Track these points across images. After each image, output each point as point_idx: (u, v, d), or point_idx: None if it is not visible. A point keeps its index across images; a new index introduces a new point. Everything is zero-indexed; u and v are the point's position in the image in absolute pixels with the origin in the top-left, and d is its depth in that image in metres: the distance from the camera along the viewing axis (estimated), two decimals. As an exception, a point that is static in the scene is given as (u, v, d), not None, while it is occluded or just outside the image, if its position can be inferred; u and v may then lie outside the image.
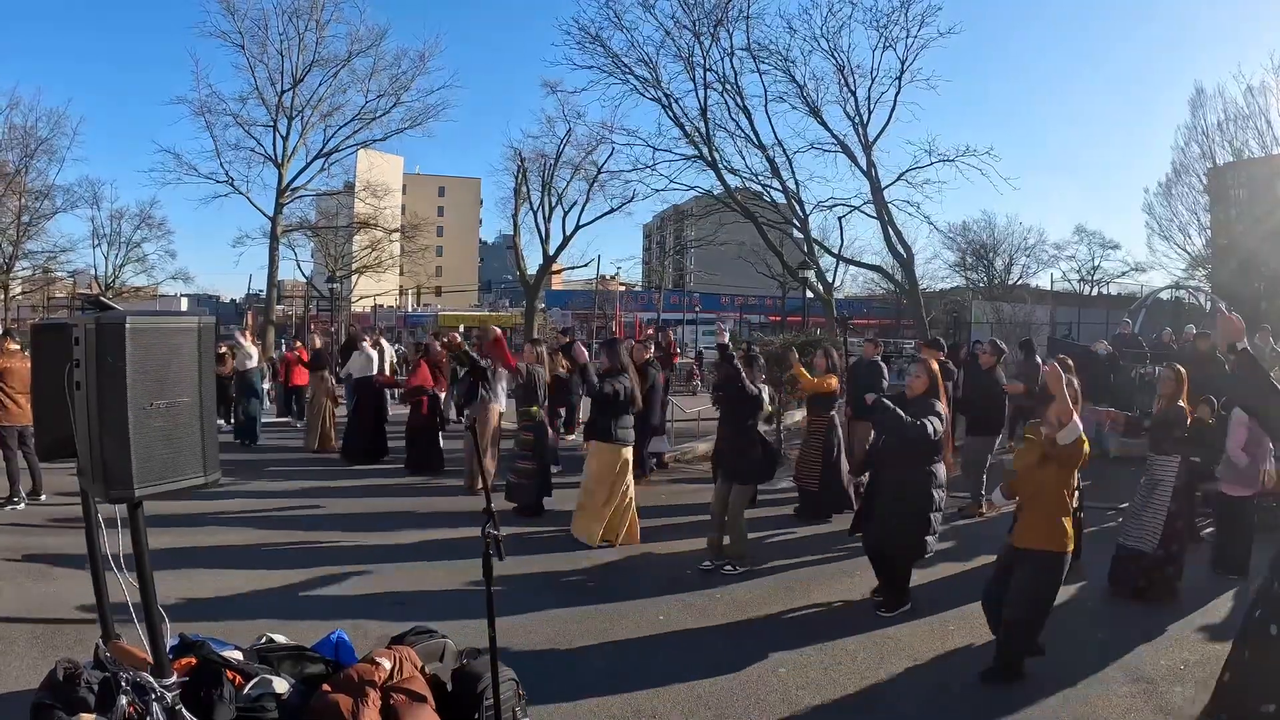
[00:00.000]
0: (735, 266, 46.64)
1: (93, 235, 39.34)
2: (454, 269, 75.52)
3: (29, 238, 34.01)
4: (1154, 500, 6.45)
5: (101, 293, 34.35)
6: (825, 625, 5.81)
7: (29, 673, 4.45)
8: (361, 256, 40.37)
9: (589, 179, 31.84)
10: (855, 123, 25.64)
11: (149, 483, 2.81)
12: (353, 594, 6.23)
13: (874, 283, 43.92)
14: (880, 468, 6.19)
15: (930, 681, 4.96)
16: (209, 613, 5.51)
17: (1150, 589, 6.31)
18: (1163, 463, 6.51)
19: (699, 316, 47.47)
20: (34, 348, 3.54)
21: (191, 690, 3.47)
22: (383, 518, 8.64)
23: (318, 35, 31.65)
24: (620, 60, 26.72)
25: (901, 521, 5.83)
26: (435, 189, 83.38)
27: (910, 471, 5.85)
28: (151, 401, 2.80)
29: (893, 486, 5.94)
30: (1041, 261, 46.76)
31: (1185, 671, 5.05)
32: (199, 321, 3.02)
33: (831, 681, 4.90)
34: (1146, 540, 6.35)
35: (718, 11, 25.60)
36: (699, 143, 26.88)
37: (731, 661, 5.08)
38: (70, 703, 3.62)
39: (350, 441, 11.99)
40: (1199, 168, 35.66)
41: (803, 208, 27.41)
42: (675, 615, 5.93)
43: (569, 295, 53.73)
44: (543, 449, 8.99)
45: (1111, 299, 39.89)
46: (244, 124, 31.52)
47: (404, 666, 3.96)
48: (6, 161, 31.66)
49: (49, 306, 40.59)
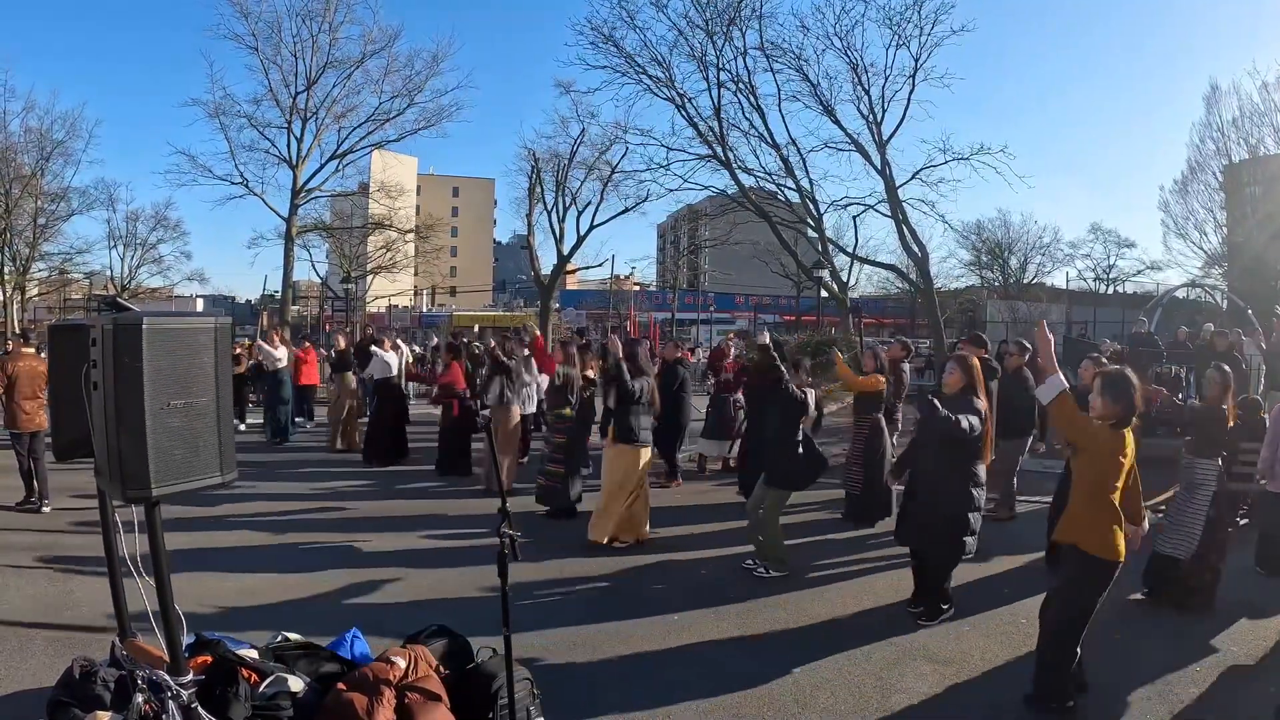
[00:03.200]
0: (750, 266, 46.60)
1: (109, 237, 39.81)
2: (468, 269, 75.70)
3: (45, 240, 34.21)
4: (1193, 505, 6.20)
5: (118, 294, 34.59)
6: (853, 634, 5.65)
7: (45, 670, 4.48)
8: (376, 257, 40.42)
9: (603, 179, 31.72)
10: (869, 121, 25.44)
11: (166, 482, 2.82)
12: (369, 594, 6.25)
13: (889, 282, 43.87)
14: (918, 468, 6.05)
15: (975, 699, 4.75)
16: (225, 611, 5.53)
17: (1188, 598, 6.07)
18: (1203, 466, 6.26)
19: (713, 316, 47.53)
20: (51, 348, 3.57)
21: (207, 688, 3.49)
22: (401, 519, 8.65)
23: (331, 37, 31.60)
24: (633, 60, 26.62)
25: (940, 523, 5.68)
26: (449, 189, 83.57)
27: (949, 472, 5.70)
28: (169, 402, 2.81)
29: (930, 487, 5.78)
30: (1057, 260, 46.75)
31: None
32: (215, 322, 3.03)
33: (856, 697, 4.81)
34: (1183, 547, 6.10)
35: (730, 10, 25.47)
36: (713, 142, 26.78)
37: (753, 674, 4.95)
38: (86, 700, 3.65)
39: (372, 443, 12.02)
40: (1214, 165, 35.39)
41: (817, 207, 27.28)
42: (696, 624, 5.82)
43: (583, 295, 53.79)
44: (574, 451, 8.96)
45: (1127, 298, 39.64)
46: (258, 125, 31.49)
47: (419, 665, 3.97)
48: (23, 164, 31.85)
49: (65, 307, 40.91)
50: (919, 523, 5.83)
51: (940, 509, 5.70)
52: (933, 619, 5.81)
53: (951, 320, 30.10)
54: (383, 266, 40.36)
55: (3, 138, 31.42)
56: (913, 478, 6.13)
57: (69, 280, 41.91)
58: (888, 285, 45.35)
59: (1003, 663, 5.20)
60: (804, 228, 29.11)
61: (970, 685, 4.91)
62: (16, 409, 8.67)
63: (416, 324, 52.42)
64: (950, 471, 5.71)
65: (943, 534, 5.72)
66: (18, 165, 31.48)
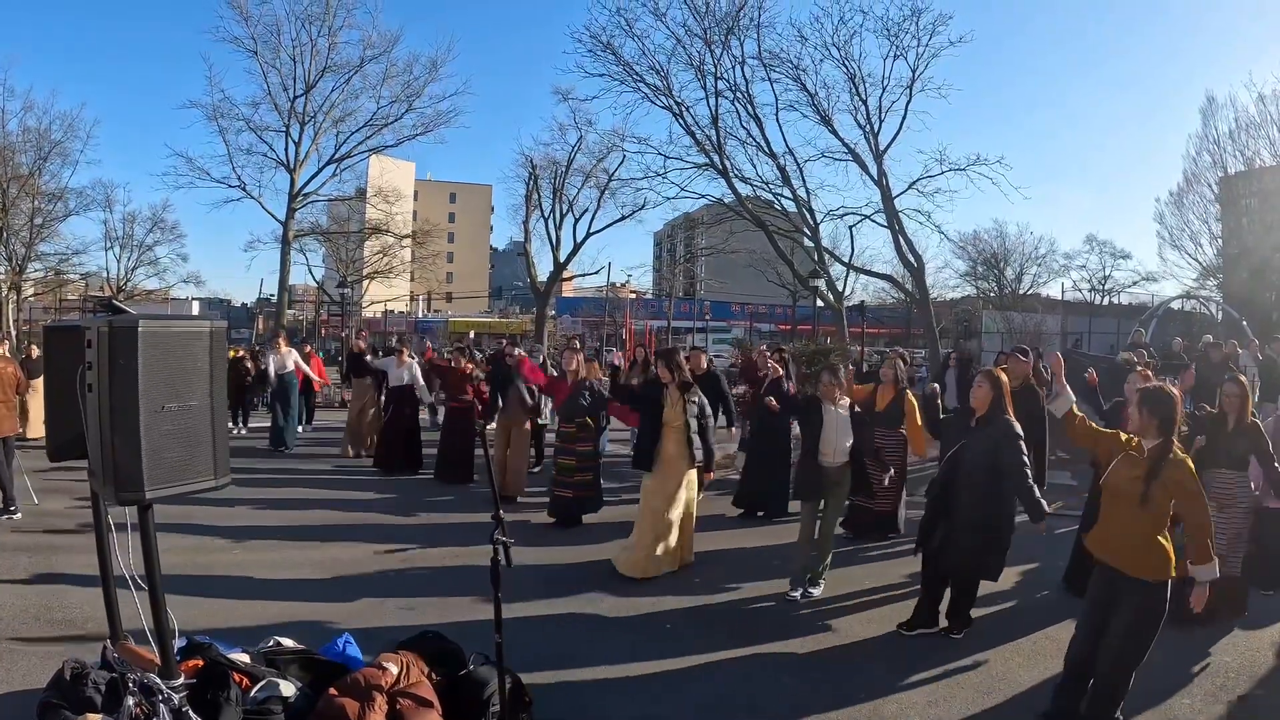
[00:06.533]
0: (746, 274, 46.59)
1: (105, 238, 39.63)
2: (465, 275, 75.57)
3: (42, 240, 34.16)
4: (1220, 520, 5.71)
5: (113, 295, 34.51)
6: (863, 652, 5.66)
7: (36, 672, 4.44)
8: (373, 262, 40.45)
9: (600, 186, 31.95)
10: (866, 131, 25.59)
11: (159, 485, 2.83)
12: (362, 599, 6.22)
13: (884, 291, 43.95)
14: (959, 490, 5.69)
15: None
16: (217, 615, 5.51)
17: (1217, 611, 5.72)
18: (1226, 478, 6.07)
19: (709, 324, 47.55)
20: (46, 349, 3.58)
21: (198, 692, 3.48)
22: (398, 527, 8.62)
23: (330, 41, 31.73)
24: (631, 68, 26.77)
25: (984, 546, 5.57)
26: (447, 195, 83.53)
27: (994, 494, 5.56)
28: (163, 405, 2.82)
29: (974, 510, 5.55)
30: (1052, 271, 46.76)
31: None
32: (211, 326, 3.04)
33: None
34: (1231, 566, 5.78)
35: (729, 20, 25.62)
36: (710, 151, 26.90)
37: (755, 693, 4.89)
38: (77, 703, 3.64)
39: (385, 451, 11.95)
40: (1210, 177, 35.37)
41: (813, 216, 27.39)
42: (687, 636, 5.79)
43: (579, 302, 53.77)
44: (597, 458, 8.93)
45: (1122, 308, 39.72)
46: (256, 129, 31.61)
47: (411, 671, 3.96)
48: (20, 164, 31.82)
49: (61, 308, 40.80)
50: (960, 546, 5.60)
51: (986, 533, 5.56)
52: (958, 632, 5.72)
53: (947, 330, 30.13)
54: (379, 271, 40.42)
55: (1, 137, 31.42)
56: (950, 499, 5.74)
57: (65, 281, 41.77)
58: (884, 295, 45.47)
59: (1021, 678, 5.17)
60: (800, 237, 29.24)
61: (977, 697, 4.90)
62: None
63: (412, 329, 52.39)
64: (996, 495, 5.58)
65: (987, 556, 5.62)
66: (15, 165, 31.44)
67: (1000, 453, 5.49)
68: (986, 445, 5.54)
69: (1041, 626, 5.98)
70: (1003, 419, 5.58)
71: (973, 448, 5.62)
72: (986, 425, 5.60)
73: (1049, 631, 5.85)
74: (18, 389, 8.94)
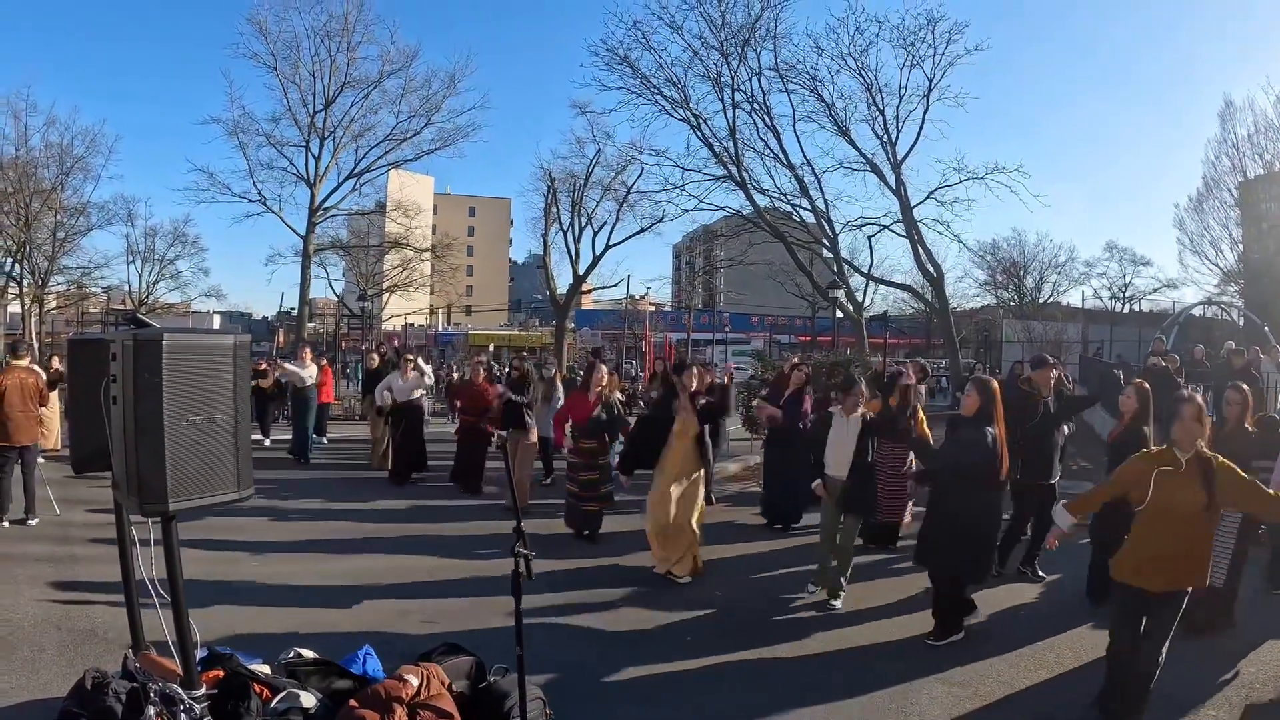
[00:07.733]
0: (765, 286, 46.63)
1: (127, 252, 40.08)
2: (484, 288, 75.93)
3: (64, 253, 34.51)
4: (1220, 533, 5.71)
5: (136, 309, 34.88)
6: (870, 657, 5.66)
7: (57, 681, 4.47)
8: (392, 275, 40.62)
9: (618, 199, 31.91)
10: (884, 141, 25.53)
11: (183, 497, 2.85)
12: (382, 611, 6.23)
13: (904, 302, 43.78)
14: (940, 496, 5.86)
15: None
16: (238, 626, 5.53)
17: (1212, 624, 5.85)
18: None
19: (729, 336, 47.52)
20: (70, 362, 3.61)
21: (219, 703, 3.50)
22: (418, 539, 8.61)
23: (349, 57, 32.02)
24: (649, 81, 26.82)
25: (964, 545, 5.61)
26: (466, 209, 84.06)
27: (971, 496, 5.61)
28: (187, 417, 2.84)
29: (954, 514, 5.63)
30: (1072, 279, 46.48)
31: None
32: (234, 339, 3.06)
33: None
34: (1215, 576, 5.72)
35: (745, 32, 25.65)
36: (728, 162, 26.89)
37: (770, 700, 4.86)
38: (98, 712, 3.66)
39: (399, 464, 12.02)
40: (1230, 181, 34.92)
41: (832, 227, 27.33)
42: (711, 645, 5.74)
43: (599, 315, 53.92)
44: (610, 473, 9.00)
45: (1143, 316, 39.41)
46: (276, 144, 31.87)
47: (431, 683, 3.96)
48: (43, 179, 32.20)
49: (83, 321, 41.22)
50: (943, 550, 5.71)
51: (967, 537, 5.62)
52: (940, 640, 5.72)
53: (967, 340, 29.96)
54: (399, 285, 40.56)
55: (24, 152, 31.81)
56: (935, 506, 5.94)
57: (87, 294, 42.26)
58: (903, 305, 45.26)
59: (1023, 687, 5.12)
60: (819, 248, 29.18)
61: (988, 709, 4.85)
62: (5, 421, 8.58)
63: (431, 342, 52.62)
64: (975, 498, 5.63)
65: (971, 559, 5.67)
66: (38, 180, 31.82)
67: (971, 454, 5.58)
68: (961, 449, 5.67)
69: (1059, 631, 6.01)
70: (984, 427, 5.65)
71: (952, 451, 5.79)
72: (969, 429, 5.69)
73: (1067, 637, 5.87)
74: (41, 400, 9.06)
